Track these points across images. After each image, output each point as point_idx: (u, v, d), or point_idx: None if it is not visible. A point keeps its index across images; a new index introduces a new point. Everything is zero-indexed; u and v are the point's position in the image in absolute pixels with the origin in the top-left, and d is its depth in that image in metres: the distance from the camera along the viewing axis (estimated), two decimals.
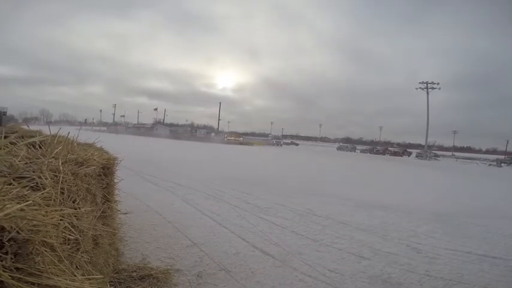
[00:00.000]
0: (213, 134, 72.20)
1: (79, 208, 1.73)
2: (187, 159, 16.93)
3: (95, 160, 2.13)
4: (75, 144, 2.58)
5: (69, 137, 2.87)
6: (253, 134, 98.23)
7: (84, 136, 2.75)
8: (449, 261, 3.80)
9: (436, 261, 3.80)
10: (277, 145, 63.64)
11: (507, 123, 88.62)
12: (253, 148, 43.57)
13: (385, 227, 5.28)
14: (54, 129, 2.34)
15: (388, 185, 12.09)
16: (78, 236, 1.45)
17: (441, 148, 74.33)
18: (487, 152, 78.76)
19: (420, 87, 54.09)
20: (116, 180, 2.82)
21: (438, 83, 53.26)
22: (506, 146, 64.90)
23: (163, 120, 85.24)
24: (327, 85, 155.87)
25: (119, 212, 2.95)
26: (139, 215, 4.75)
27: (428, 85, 53.37)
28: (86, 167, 1.94)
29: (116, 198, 2.84)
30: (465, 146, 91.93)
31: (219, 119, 72.31)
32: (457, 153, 70.65)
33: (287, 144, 71.07)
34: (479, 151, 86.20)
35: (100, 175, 2.39)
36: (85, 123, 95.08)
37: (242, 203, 6.44)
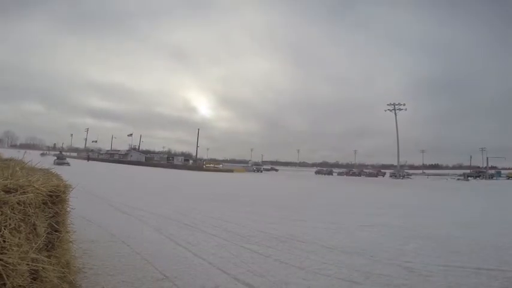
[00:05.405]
0: (191, 162, 70.39)
1: (3, 240, 1.41)
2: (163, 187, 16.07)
3: (33, 187, 1.81)
4: (17, 168, 2.22)
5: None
6: (233, 161, 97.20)
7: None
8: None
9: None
10: (258, 171, 63.09)
11: (469, 140, 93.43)
12: (232, 175, 42.84)
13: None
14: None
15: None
16: None
17: (412, 167, 77.36)
18: (454, 167, 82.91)
19: (388, 109, 57.48)
20: (69, 209, 2.42)
21: (404, 104, 56.89)
22: (470, 160, 69.10)
23: (139, 146, 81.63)
24: (297, 105, 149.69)
25: (72, 243, 2.53)
26: (103, 245, 4.21)
27: (396, 106, 56.83)
28: (20, 194, 1.64)
29: (69, 228, 2.42)
30: (433, 164, 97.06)
31: (197, 146, 70.85)
32: (426, 171, 74.17)
33: (267, 170, 70.70)
34: (446, 167, 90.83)
35: (46, 203, 2.02)
36: (54, 148, 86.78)
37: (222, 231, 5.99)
